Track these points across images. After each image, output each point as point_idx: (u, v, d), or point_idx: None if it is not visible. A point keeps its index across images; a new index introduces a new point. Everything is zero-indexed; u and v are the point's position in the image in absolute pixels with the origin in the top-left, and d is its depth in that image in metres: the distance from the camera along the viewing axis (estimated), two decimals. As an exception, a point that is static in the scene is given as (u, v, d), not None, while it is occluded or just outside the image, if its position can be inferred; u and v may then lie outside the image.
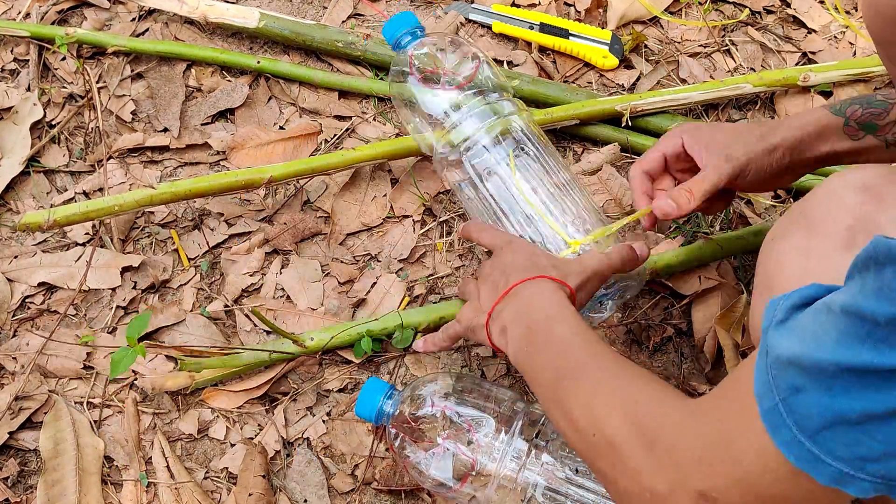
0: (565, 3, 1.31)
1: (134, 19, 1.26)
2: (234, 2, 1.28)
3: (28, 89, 1.20)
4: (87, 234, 1.10)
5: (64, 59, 1.22)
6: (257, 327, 1.04)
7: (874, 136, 0.89)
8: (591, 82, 1.24)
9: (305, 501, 0.95)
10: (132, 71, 1.22)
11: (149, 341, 1.01)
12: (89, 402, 1.00)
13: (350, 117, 1.19)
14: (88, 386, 1.00)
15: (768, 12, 1.32)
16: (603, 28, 1.27)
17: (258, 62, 1.20)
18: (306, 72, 1.21)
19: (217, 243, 1.10)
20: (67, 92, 1.20)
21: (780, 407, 0.51)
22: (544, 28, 1.25)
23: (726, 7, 1.32)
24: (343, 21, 1.28)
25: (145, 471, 0.96)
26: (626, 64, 1.25)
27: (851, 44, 1.28)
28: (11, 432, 0.97)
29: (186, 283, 1.07)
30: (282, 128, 1.19)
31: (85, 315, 1.05)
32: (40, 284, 1.06)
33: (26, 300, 1.06)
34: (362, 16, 1.29)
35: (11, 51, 1.23)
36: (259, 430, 0.99)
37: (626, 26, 1.28)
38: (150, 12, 1.27)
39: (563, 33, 1.24)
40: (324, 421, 0.99)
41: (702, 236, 1.08)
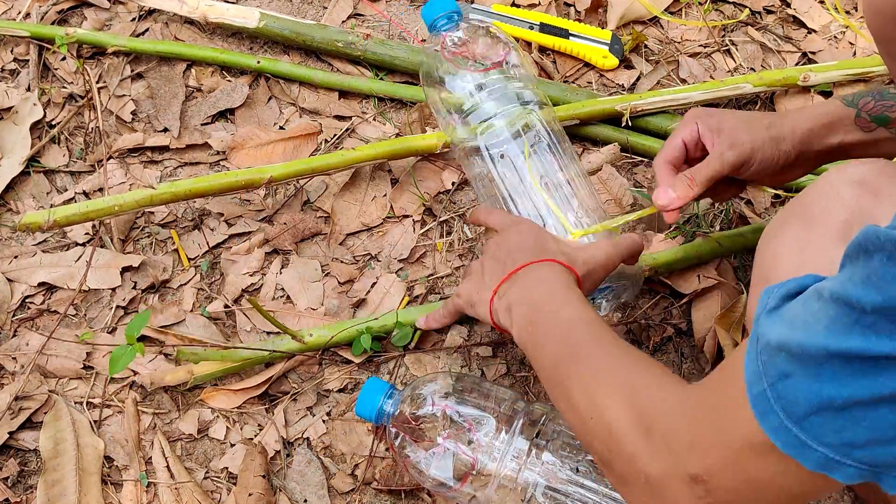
0: (565, 3, 1.31)
1: (134, 19, 1.26)
2: (234, 2, 1.28)
3: (28, 89, 1.20)
4: (87, 234, 1.10)
5: (64, 59, 1.22)
6: (257, 327, 1.04)
7: (886, 129, 0.88)
8: (591, 82, 1.24)
9: (305, 501, 0.95)
10: (132, 71, 1.22)
11: (150, 328, 1.02)
12: (89, 402, 1.00)
13: (350, 117, 1.19)
14: (88, 386, 1.00)
15: (768, 12, 1.32)
16: (603, 28, 1.27)
17: (258, 62, 1.20)
18: (306, 72, 1.21)
19: (217, 243, 1.10)
20: (67, 92, 1.20)
21: (769, 392, 0.52)
22: (544, 28, 1.25)
23: (726, 7, 1.32)
24: (343, 21, 1.28)
25: (145, 471, 0.96)
26: (626, 64, 1.25)
27: (851, 44, 1.28)
28: (11, 432, 0.97)
29: (186, 283, 1.07)
30: (282, 128, 1.19)
31: (85, 315, 1.05)
32: (40, 284, 1.06)
33: (26, 300, 1.06)
34: (362, 16, 1.29)
35: (11, 51, 1.23)
36: (259, 430, 0.99)
37: (626, 26, 1.28)
38: (150, 12, 1.27)
39: (563, 33, 1.24)
40: (324, 421, 0.99)
41: (701, 235, 1.08)
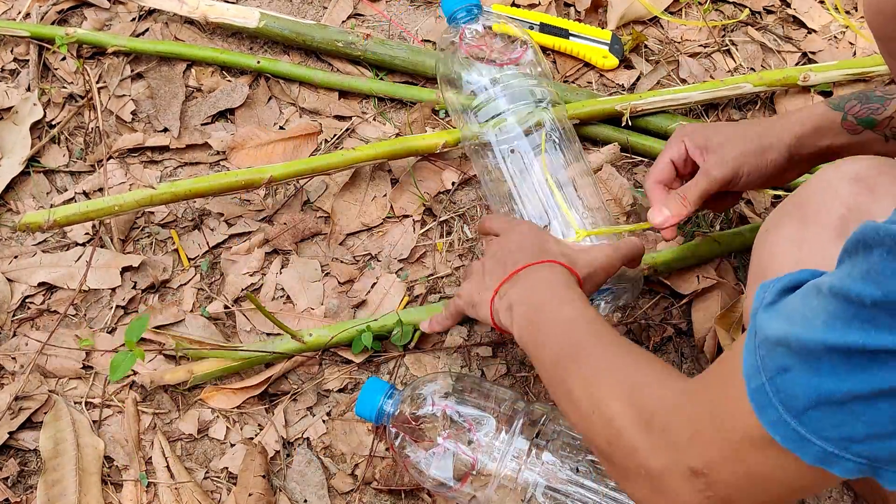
0: (565, 3, 1.31)
1: (134, 19, 1.26)
2: (234, 2, 1.28)
3: (28, 89, 1.20)
4: (87, 234, 1.10)
5: (64, 59, 1.22)
6: (257, 328, 1.04)
7: (872, 131, 0.89)
8: (591, 82, 1.24)
9: (305, 501, 0.95)
10: (132, 71, 1.22)
11: (149, 330, 1.02)
12: (89, 402, 1.00)
13: (350, 117, 1.19)
14: (88, 386, 1.00)
15: (768, 12, 1.32)
16: (603, 28, 1.27)
17: (258, 62, 1.20)
18: (306, 72, 1.20)
19: (217, 243, 1.10)
20: (67, 92, 1.20)
21: (767, 387, 0.52)
22: (544, 28, 1.25)
23: (726, 7, 1.32)
24: (343, 21, 1.28)
25: (145, 471, 0.96)
26: (626, 64, 1.25)
27: (851, 44, 1.28)
28: (11, 432, 0.97)
29: (186, 283, 1.07)
30: (282, 128, 1.19)
31: (85, 315, 1.05)
32: (40, 284, 1.06)
33: (26, 300, 1.06)
34: (362, 16, 1.29)
35: (11, 51, 1.23)
36: (259, 430, 0.99)
37: (626, 26, 1.28)
38: (150, 12, 1.27)
39: (563, 33, 1.24)
40: (324, 421, 0.99)
41: (700, 235, 1.08)
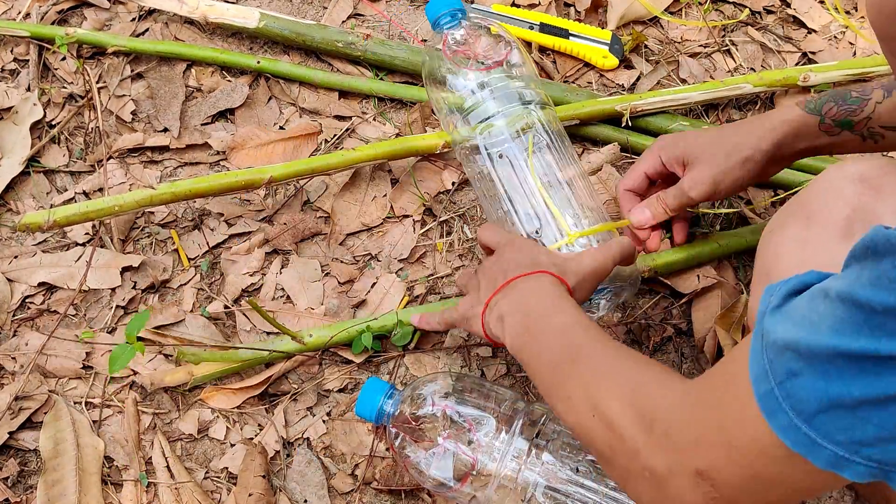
0: (565, 3, 1.31)
1: (134, 19, 1.26)
2: (234, 2, 1.28)
3: (28, 89, 1.20)
4: (87, 234, 1.10)
5: (64, 59, 1.22)
6: (257, 327, 1.04)
7: (850, 132, 0.90)
8: (591, 82, 1.24)
9: (305, 501, 0.95)
10: (132, 71, 1.22)
11: (149, 330, 1.02)
12: (89, 402, 1.00)
13: (350, 117, 1.19)
14: (88, 386, 1.00)
15: (768, 12, 1.32)
16: (603, 28, 1.27)
17: (258, 62, 1.20)
18: (306, 72, 1.20)
19: (217, 243, 1.10)
20: (67, 92, 1.20)
21: (777, 391, 0.52)
22: (544, 28, 1.25)
23: (726, 7, 1.32)
24: (343, 21, 1.28)
25: (145, 471, 0.96)
26: (626, 64, 1.25)
27: (851, 44, 1.28)
28: (11, 432, 0.97)
29: (186, 283, 1.07)
30: (282, 128, 1.19)
31: (85, 315, 1.05)
32: (40, 284, 1.06)
33: (26, 300, 1.06)
34: (362, 16, 1.29)
35: (11, 51, 1.23)
36: (259, 430, 0.99)
37: (626, 26, 1.28)
38: (150, 12, 1.27)
39: (563, 33, 1.24)
40: (324, 421, 0.99)
41: (701, 235, 1.08)
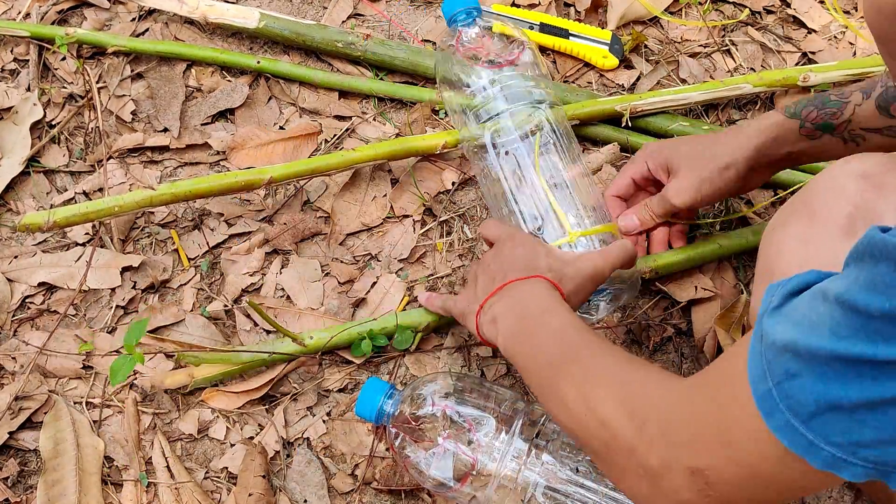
0: (565, 3, 1.31)
1: (134, 19, 1.26)
2: (234, 2, 1.28)
3: (28, 89, 1.20)
4: (87, 234, 1.10)
5: (64, 59, 1.22)
6: (258, 326, 1.04)
7: (831, 135, 0.90)
8: (591, 82, 1.24)
9: (305, 501, 0.95)
10: (132, 71, 1.22)
11: (149, 335, 1.02)
12: (89, 402, 1.00)
13: (350, 117, 1.19)
14: (88, 386, 1.00)
15: (768, 12, 1.32)
16: (603, 28, 1.27)
17: (258, 62, 1.20)
18: (306, 72, 1.20)
19: (217, 243, 1.10)
20: (67, 92, 1.20)
21: (775, 392, 0.52)
22: (544, 28, 1.25)
23: (726, 7, 1.32)
24: (343, 21, 1.28)
25: (145, 471, 0.96)
26: (626, 64, 1.25)
27: (851, 44, 1.28)
28: (11, 432, 0.97)
29: (186, 283, 1.07)
30: (282, 128, 1.19)
31: (85, 315, 1.05)
32: (40, 284, 1.06)
33: (26, 300, 1.06)
34: (362, 16, 1.29)
35: (11, 51, 1.23)
36: (259, 430, 0.99)
37: (626, 26, 1.28)
38: (150, 12, 1.27)
39: (563, 33, 1.24)
40: (324, 421, 0.99)
41: (701, 236, 1.08)
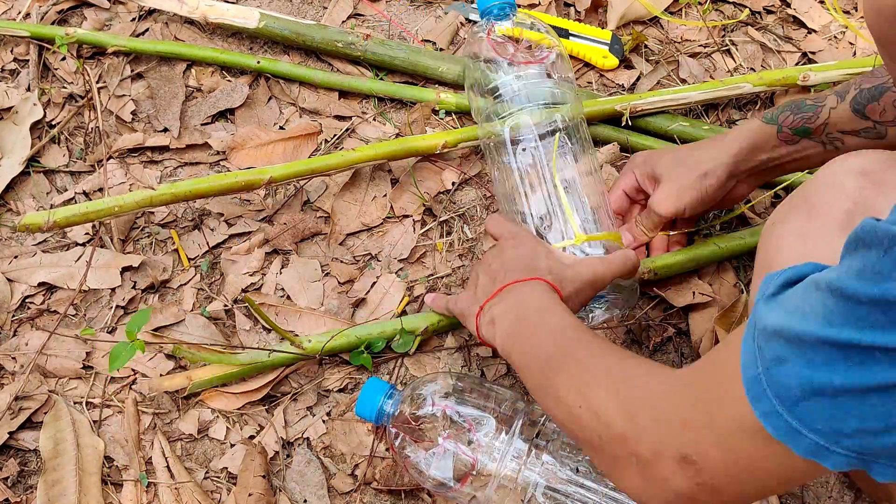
0: (565, 3, 1.31)
1: (134, 19, 1.26)
2: (234, 2, 1.28)
3: (28, 89, 1.20)
4: (87, 234, 1.10)
5: (64, 59, 1.22)
6: (257, 326, 1.04)
7: (810, 139, 0.91)
8: (591, 82, 1.24)
9: (305, 501, 0.95)
10: (132, 71, 1.22)
11: (148, 332, 1.02)
12: (89, 402, 1.00)
13: (350, 117, 1.19)
14: (88, 386, 1.00)
15: (768, 12, 1.32)
16: (603, 28, 1.27)
17: (258, 62, 1.20)
18: (306, 72, 1.20)
19: (217, 243, 1.10)
20: (67, 92, 1.20)
21: (763, 377, 0.52)
22: (544, 28, 1.25)
23: (726, 7, 1.32)
24: (343, 21, 1.28)
25: (145, 471, 0.96)
26: (626, 64, 1.25)
27: (851, 44, 1.28)
28: (11, 432, 0.97)
29: (186, 283, 1.07)
30: (282, 128, 1.19)
31: (85, 315, 1.05)
32: (40, 284, 1.06)
33: (26, 300, 1.06)
34: (362, 16, 1.29)
35: (11, 51, 1.23)
36: (259, 430, 0.99)
37: (626, 26, 1.28)
38: (150, 12, 1.27)
39: (563, 33, 1.24)
40: (324, 421, 0.99)
41: (701, 238, 1.08)
